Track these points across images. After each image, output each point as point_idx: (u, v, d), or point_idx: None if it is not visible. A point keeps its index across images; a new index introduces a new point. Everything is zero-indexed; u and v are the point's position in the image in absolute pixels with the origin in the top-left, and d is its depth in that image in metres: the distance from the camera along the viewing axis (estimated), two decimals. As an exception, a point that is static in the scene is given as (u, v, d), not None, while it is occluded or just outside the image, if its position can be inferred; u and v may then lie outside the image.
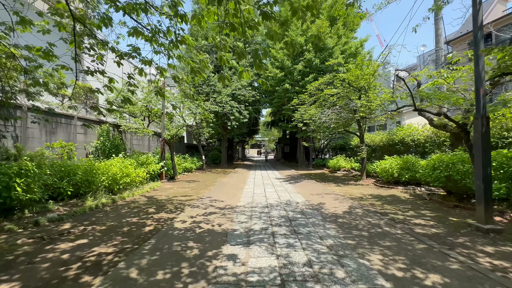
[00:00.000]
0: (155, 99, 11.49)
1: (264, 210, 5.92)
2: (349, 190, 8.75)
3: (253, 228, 4.53)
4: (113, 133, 11.29)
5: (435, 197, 6.97)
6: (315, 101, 12.28)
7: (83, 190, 6.53)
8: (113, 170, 7.36)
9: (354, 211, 5.76)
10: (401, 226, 4.59)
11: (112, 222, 4.89)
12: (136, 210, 5.88)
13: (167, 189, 9.06)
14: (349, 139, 18.70)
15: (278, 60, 16.83)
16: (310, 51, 16.09)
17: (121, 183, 7.54)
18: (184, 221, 4.92)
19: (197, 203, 6.61)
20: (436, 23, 11.58)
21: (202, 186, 9.93)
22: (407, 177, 9.04)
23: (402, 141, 11.83)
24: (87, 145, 10.08)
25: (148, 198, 7.36)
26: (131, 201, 6.91)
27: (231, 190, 8.86)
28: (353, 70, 10.16)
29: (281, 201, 7.00)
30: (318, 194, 8.04)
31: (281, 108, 19.03)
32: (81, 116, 10.10)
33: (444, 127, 8.52)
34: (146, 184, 9.33)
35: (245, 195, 7.87)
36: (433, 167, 6.87)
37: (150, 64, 4.97)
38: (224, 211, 5.78)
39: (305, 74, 16.67)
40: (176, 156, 14.40)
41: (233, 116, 16.63)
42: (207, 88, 16.64)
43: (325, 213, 5.62)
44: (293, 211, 5.77)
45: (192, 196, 7.75)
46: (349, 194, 8.05)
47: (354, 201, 6.91)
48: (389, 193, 8.25)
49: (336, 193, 8.12)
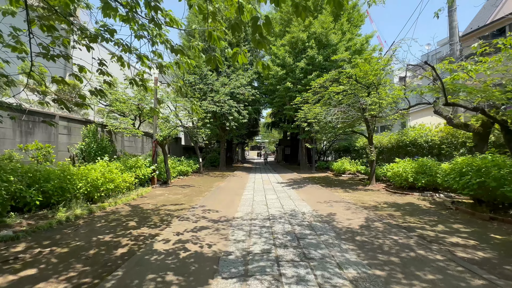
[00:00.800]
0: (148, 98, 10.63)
1: (265, 223, 5.01)
2: (359, 197, 7.84)
3: (252, 250, 3.62)
4: (101, 134, 10.41)
5: (462, 207, 6.06)
6: (319, 100, 11.43)
7: (55, 199, 5.63)
8: (93, 176, 6.46)
9: (373, 225, 4.85)
10: (437, 247, 3.68)
11: (79, 241, 3.98)
12: (114, 223, 4.98)
13: (156, 195, 8.15)
14: (354, 140, 17.82)
15: (279, 57, 15.99)
16: (313, 48, 15.25)
17: (102, 190, 6.63)
18: (167, 240, 4.01)
19: (187, 214, 5.70)
20: (450, 15, 10.75)
21: (196, 192, 9.02)
22: (423, 182, 8.14)
23: (414, 143, 10.93)
24: (71, 147, 9.19)
25: (133, 207, 6.44)
26: (112, 211, 6.00)
27: (228, 197, 7.95)
28: (361, 65, 9.30)
29: (284, 211, 6.09)
30: (326, 202, 7.13)
31: (282, 108, 18.17)
32: (64, 115, 9.22)
33: (466, 126, 7.64)
34: (134, 190, 8.42)
35: (244, 203, 6.96)
36: (460, 172, 5.97)
37: (130, 51, 4.10)
38: (218, 225, 4.87)
39: (307, 72, 15.83)
40: (171, 158, 13.51)
41: (232, 116, 15.76)
42: (204, 86, 15.78)
43: (338, 227, 4.71)
44: (299, 225, 4.86)
45: (183, 204, 6.84)
46: (361, 202, 7.14)
47: (368, 211, 6.00)
48: (405, 200, 7.34)
49: (346, 201, 7.21)
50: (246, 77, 16.84)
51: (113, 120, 10.52)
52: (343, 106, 9.92)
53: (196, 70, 16.19)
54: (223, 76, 16.38)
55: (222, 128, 18.81)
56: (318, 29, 15.14)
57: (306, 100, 11.40)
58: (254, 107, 18.68)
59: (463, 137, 9.10)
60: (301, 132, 18.34)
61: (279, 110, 20.76)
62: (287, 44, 16.04)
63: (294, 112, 17.13)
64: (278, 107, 18.44)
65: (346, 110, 9.50)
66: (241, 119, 16.39)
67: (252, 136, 35.64)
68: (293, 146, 28.91)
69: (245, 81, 16.57)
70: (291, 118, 18.76)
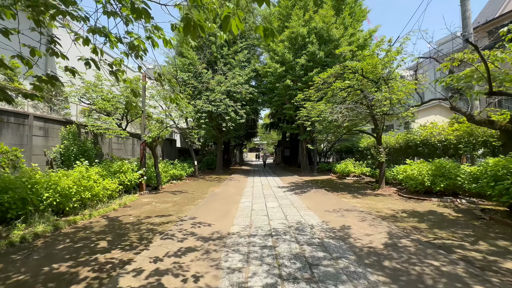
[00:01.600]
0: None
1: (267, 241, 4.09)
2: (372, 204, 6.94)
3: (251, 286, 2.70)
4: (84, 135, 9.45)
5: (496, 216, 5.18)
6: (322, 97, 10.55)
7: (13, 213, 4.67)
8: (64, 184, 5.51)
9: (400, 242, 3.94)
10: (498, 281, 2.77)
11: (24, 273, 3.03)
12: (81, 244, 4.03)
13: (142, 204, 7.20)
14: (357, 140, 16.98)
15: (278, 53, 15.13)
16: (314, 43, 14.41)
17: (75, 201, 5.68)
18: (140, 271, 3.08)
19: (173, 230, 4.76)
20: (463, 5, 9.93)
21: (188, 199, 8.07)
22: (442, 186, 7.27)
23: (426, 142, 10.08)
24: (48, 150, 8.22)
25: (111, 220, 5.49)
26: (84, 226, 5.05)
27: (224, 206, 7.02)
28: (369, 59, 8.46)
29: (289, 223, 5.17)
30: (336, 210, 6.22)
31: (281, 108, 17.30)
32: (40, 114, 8.25)
33: (491, 123, 6.77)
34: (117, 199, 7.47)
35: (241, 214, 6.03)
36: (495, 176, 5.09)
37: (99, 32, 3.22)
38: (209, 245, 3.94)
39: (308, 68, 14.98)
40: (163, 161, 12.55)
41: (229, 116, 14.84)
42: (199, 84, 14.87)
43: (358, 246, 3.80)
44: (309, 244, 3.94)
45: (171, 216, 5.89)
46: (375, 210, 6.24)
47: (388, 222, 5.10)
48: (424, 208, 6.45)
49: (358, 209, 6.31)
50: (243, 75, 15.96)
51: (93, 120, 9.55)
52: (349, 103, 9.04)
53: (190, 68, 15.28)
54: (219, 74, 15.48)
55: (219, 129, 17.88)
56: (319, 24, 14.32)
57: (308, 98, 10.53)
58: (252, 106, 17.78)
59: (483, 136, 8.25)
60: (302, 133, 17.48)
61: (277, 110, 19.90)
62: (286, 40, 15.18)
63: (294, 112, 16.26)
64: (277, 106, 17.55)
65: (353, 107, 8.62)
66: (238, 120, 15.48)
67: (250, 138, 34.70)
68: (293, 148, 28.04)
69: (242, 79, 15.69)
70: (291, 118, 17.90)
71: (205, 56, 15.89)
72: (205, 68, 15.55)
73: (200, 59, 15.64)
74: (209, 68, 15.93)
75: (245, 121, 16.83)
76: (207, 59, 16.25)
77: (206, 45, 16.47)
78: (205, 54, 15.94)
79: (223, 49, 16.43)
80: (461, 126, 8.91)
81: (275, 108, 18.06)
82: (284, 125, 18.18)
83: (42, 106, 9.42)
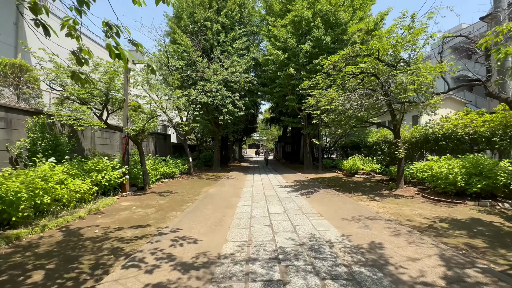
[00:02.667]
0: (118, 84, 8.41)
1: (272, 272, 2.86)
2: (396, 209, 5.73)
3: None
4: (61, 128, 8.18)
5: None
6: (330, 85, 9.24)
7: None
8: (10, 188, 4.27)
9: (466, 276, 2.72)
10: None
11: None
12: (5, 277, 2.81)
13: (119, 210, 5.97)
14: (365, 135, 15.71)
15: (280, 39, 13.77)
16: (320, 28, 13.06)
17: (24, 208, 4.44)
18: None
19: (144, 250, 3.53)
20: (496, -24, 8.59)
21: (176, 202, 6.86)
22: (479, 187, 6.05)
23: (449, 136, 8.84)
24: (10, 145, 6.96)
25: (68, 234, 4.26)
26: (28, 244, 3.82)
27: (217, 211, 5.80)
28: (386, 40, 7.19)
29: (300, 238, 3.95)
30: (355, 218, 5.00)
31: (283, 100, 16.00)
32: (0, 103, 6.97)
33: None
34: (90, 203, 6.25)
35: (238, 223, 4.81)
36: None
37: None
38: (189, 279, 2.72)
39: (313, 56, 13.66)
40: (153, 158, 11.30)
41: (226, 108, 13.55)
42: (193, 73, 13.54)
43: (406, 283, 2.58)
44: (334, 277, 2.72)
45: (149, 227, 4.67)
46: (404, 217, 5.03)
47: (430, 237, 3.88)
48: (463, 214, 5.24)
49: (382, 216, 5.09)
50: (242, 63, 14.61)
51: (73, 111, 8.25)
52: (360, 90, 7.76)
53: (184, 56, 13.92)
54: (216, 62, 14.13)
55: (216, 123, 16.59)
56: (325, 6, 12.95)
57: (315, 85, 9.23)
58: (251, 98, 16.46)
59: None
60: (305, 127, 16.22)
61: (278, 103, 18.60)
62: (289, 25, 13.81)
63: (297, 104, 15.00)
64: (278, 98, 16.24)
65: (372, 93, 7.35)
66: (236, 112, 14.18)
67: (250, 133, 33.42)
68: (294, 143, 26.80)
69: (241, 68, 14.35)
70: (294, 111, 16.62)
71: (199, 42, 14.53)
72: (200, 56, 14.20)
73: (194, 46, 14.28)
74: (205, 56, 14.58)
75: (244, 115, 15.54)
76: (202, 46, 14.88)
77: (201, 31, 15.09)
78: (200, 40, 14.58)
79: (220, 36, 15.04)
80: (494, 116, 7.66)
81: (276, 100, 16.75)
82: (286, 118, 16.90)
83: (8, 94, 8.13)
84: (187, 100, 11.87)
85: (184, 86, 13.04)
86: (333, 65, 8.56)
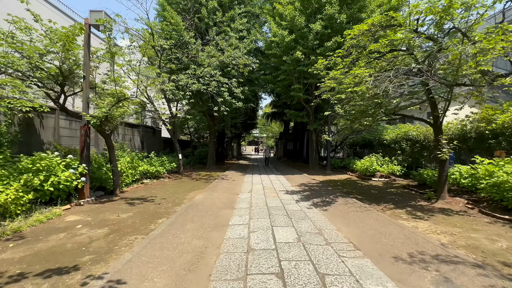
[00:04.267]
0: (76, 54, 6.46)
1: None
2: (466, 237, 3.85)
3: None
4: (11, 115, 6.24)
5: None
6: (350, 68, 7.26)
7: None
8: None
9: None
10: None
11: None
12: None
13: (54, 230, 4.06)
14: (380, 132, 13.80)
15: (286, 18, 11.78)
16: (333, 4, 11.08)
17: None
18: None
19: None
20: None
21: (146, 217, 4.95)
22: None
23: (502, 132, 6.96)
24: None
25: None
26: None
27: (197, 237, 3.89)
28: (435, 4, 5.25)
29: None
30: (415, 258, 3.11)
31: (287, 90, 14.05)
32: None
33: None
34: (17, 218, 4.35)
35: (225, 266, 2.91)
36: None
37: None
38: None
39: (324, 38, 11.70)
40: (131, 154, 9.37)
41: (222, 98, 11.61)
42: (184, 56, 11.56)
43: None
44: None
45: (74, 273, 2.77)
46: (493, 256, 3.15)
47: None
48: None
49: (457, 255, 3.20)
50: (241, 47, 12.61)
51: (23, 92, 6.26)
52: (400, 69, 5.81)
53: (173, 34, 11.92)
54: (211, 46, 12.14)
55: (211, 115, 14.67)
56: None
57: (333, 65, 7.28)
58: (251, 88, 14.47)
59: None
60: (312, 122, 14.30)
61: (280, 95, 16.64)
62: (297, 1, 11.82)
63: (304, 95, 13.07)
64: (282, 88, 14.28)
65: (415, 72, 5.42)
66: (234, 103, 12.26)
67: (249, 129, 31.42)
68: (297, 140, 24.90)
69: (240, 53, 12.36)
70: (299, 104, 14.68)
71: (192, 21, 12.51)
72: (194, 37, 12.20)
73: (186, 26, 12.26)
74: (198, 38, 12.57)
75: (243, 107, 13.59)
76: (196, 26, 12.88)
77: (195, 8, 13.06)
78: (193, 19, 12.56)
79: (217, 14, 13.01)
80: None
81: (280, 90, 14.78)
82: (291, 111, 14.94)
83: None
84: (175, 86, 9.94)
85: (173, 71, 11.07)
86: (357, 39, 6.63)
